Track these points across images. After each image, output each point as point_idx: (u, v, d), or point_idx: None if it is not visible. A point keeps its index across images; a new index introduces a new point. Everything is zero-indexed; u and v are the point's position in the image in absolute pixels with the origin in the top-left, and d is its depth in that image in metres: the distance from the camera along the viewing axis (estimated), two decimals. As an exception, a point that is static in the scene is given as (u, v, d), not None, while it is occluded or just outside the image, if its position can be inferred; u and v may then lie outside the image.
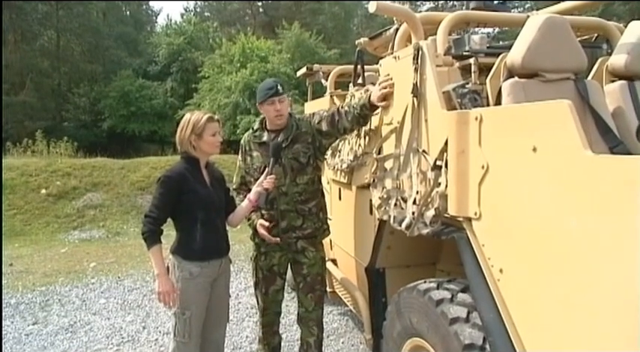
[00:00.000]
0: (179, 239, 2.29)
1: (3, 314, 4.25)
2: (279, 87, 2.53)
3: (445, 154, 1.71)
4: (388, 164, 2.18)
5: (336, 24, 27.85)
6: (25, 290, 4.95)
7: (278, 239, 2.56)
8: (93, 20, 23.75)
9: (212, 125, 2.28)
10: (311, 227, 2.63)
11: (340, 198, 3.21)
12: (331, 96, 3.61)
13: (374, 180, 2.29)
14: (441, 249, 2.61)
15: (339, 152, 3.06)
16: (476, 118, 1.54)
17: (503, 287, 1.46)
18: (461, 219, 1.64)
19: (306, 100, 4.59)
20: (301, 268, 2.66)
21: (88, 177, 9.28)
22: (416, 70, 1.92)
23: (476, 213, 1.56)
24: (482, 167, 1.51)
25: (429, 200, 1.80)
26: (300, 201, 2.59)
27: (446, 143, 1.69)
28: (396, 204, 2.07)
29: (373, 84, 2.81)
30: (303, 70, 4.49)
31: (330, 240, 3.52)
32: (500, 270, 1.46)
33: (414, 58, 1.93)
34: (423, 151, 1.88)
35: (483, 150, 1.52)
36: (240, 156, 2.78)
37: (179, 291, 2.21)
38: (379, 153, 2.31)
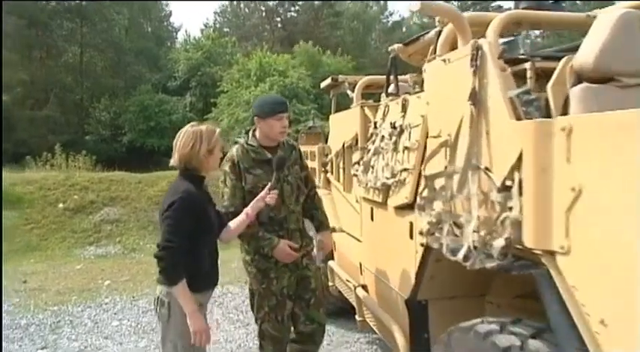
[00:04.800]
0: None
1: (12, 336, 4.05)
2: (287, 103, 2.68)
3: (517, 173, 1.41)
4: (438, 183, 1.88)
5: (354, 38, 27.96)
6: (37, 310, 4.76)
7: (300, 254, 2.61)
8: (115, 36, 24.28)
9: (221, 140, 2.18)
10: (309, 244, 2.75)
11: (372, 219, 2.92)
12: (362, 107, 3.34)
13: (421, 202, 2.00)
14: (492, 279, 2.29)
15: (372, 168, 2.78)
16: (563, 129, 1.24)
17: (605, 343, 1.14)
18: (539, 252, 1.34)
19: (324, 114, 4.38)
20: (309, 282, 2.69)
21: (105, 191, 9.16)
22: (474, 73, 1.64)
23: (562, 247, 1.25)
24: (573, 189, 1.21)
25: (495, 228, 1.50)
26: (301, 220, 2.71)
27: (518, 159, 1.40)
28: (448, 231, 1.77)
29: (408, 93, 2.58)
30: (328, 80, 4.30)
31: (360, 264, 3.23)
32: (602, 321, 1.15)
33: (472, 59, 1.65)
34: (486, 169, 1.59)
35: (574, 169, 1.22)
36: (231, 176, 2.54)
37: (179, 324, 2.02)
38: (425, 171, 2.02)
